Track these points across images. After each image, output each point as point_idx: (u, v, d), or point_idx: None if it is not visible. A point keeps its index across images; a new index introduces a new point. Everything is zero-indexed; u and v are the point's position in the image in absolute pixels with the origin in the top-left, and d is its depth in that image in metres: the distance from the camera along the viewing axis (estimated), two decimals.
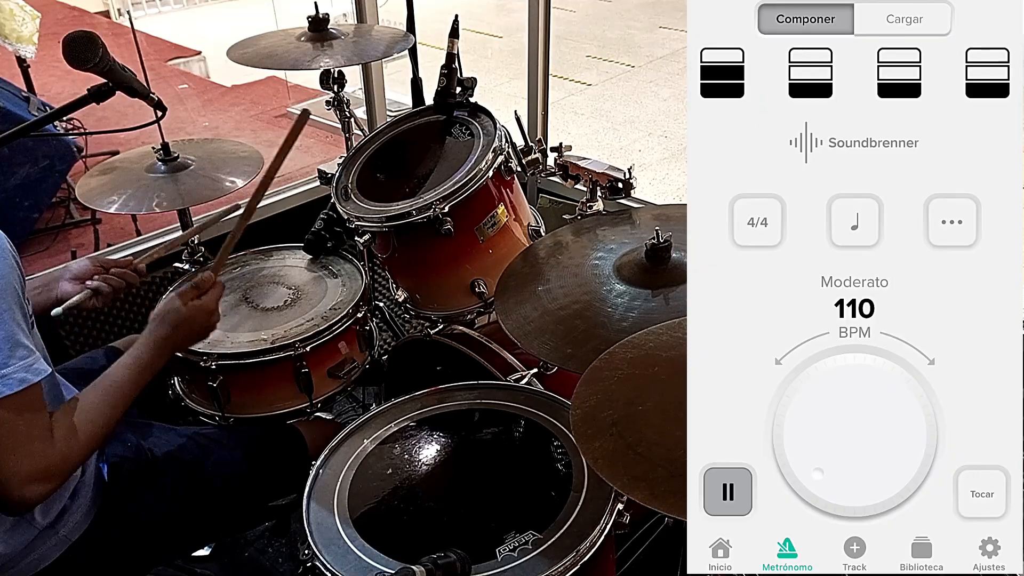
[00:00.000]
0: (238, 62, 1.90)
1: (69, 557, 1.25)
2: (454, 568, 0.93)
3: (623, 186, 1.64)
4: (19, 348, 1.09)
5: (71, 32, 1.37)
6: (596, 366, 1.03)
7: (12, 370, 1.07)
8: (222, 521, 1.52)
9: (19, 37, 3.57)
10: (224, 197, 1.91)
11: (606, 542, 1.11)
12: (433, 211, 1.56)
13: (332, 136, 4.48)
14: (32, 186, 3.42)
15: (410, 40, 2.03)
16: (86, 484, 1.27)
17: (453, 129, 1.76)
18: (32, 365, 1.10)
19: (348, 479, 1.25)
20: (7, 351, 1.08)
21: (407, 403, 1.40)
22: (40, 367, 1.11)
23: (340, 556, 1.11)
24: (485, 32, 7.86)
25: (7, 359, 1.07)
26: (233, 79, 5.74)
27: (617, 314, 1.29)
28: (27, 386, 1.08)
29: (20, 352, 1.09)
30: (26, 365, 1.09)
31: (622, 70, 7.10)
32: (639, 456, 0.87)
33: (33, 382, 1.09)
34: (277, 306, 1.85)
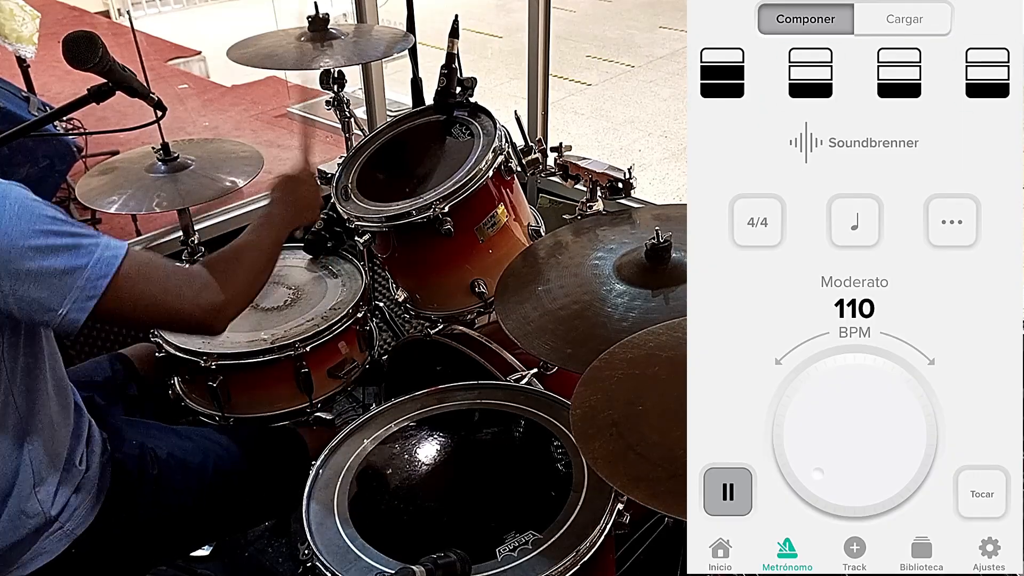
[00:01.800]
0: (238, 62, 1.90)
1: (72, 552, 1.25)
2: (454, 568, 0.93)
3: (623, 186, 1.64)
4: (80, 248, 1.09)
5: (71, 32, 1.37)
6: (596, 366, 1.03)
7: (96, 257, 1.10)
8: (223, 521, 1.52)
9: (19, 37, 3.56)
10: (224, 197, 1.91)
11: (606, 542, 1.11)
12: (433, 211, 1.56)
13: (332, 136, 4.46)
14: (32, 186, 3.36)
15: (410, 40, 2.03)
16: (90, 479, 1.28)
17: (453, 129, 1.76)
18: (111, 243, 1.12)
19: (348, 479, 1.25)
20: (89, 233, 1.11)
21: (407, 403, 1.40)
22: (116, 241, 1.14)
23: (340, 556, 1.11)
24: (485, 32, 7.86)
25: (93, 235, 1.11)
26: (233, 79, 5.74)
27: (617, 314, 1.29)
28: (123, 257, 1.11)
29: (83, 249, 1.10)
30: (106, 244, 1.11)
31: (622, 70, 7.10)
32: (639, 456, 0.87)
33: (124, 252, 1.12)
34: (277, 306, 1.85)
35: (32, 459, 1.19)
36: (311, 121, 4.81)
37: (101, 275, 1.08)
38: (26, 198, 1.09)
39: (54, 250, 1.06)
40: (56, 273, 1.06)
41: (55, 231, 1.07)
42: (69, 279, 1.06)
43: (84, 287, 1.07)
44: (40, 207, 1.09)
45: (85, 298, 1.07)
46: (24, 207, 1.07)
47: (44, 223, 1.07)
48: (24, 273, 1.05)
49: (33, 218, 1.06)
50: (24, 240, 1.05)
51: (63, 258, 1.06)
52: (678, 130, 5.72)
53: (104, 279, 1.08)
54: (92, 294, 1.08)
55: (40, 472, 1.20)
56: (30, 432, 1.18)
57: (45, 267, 1.05)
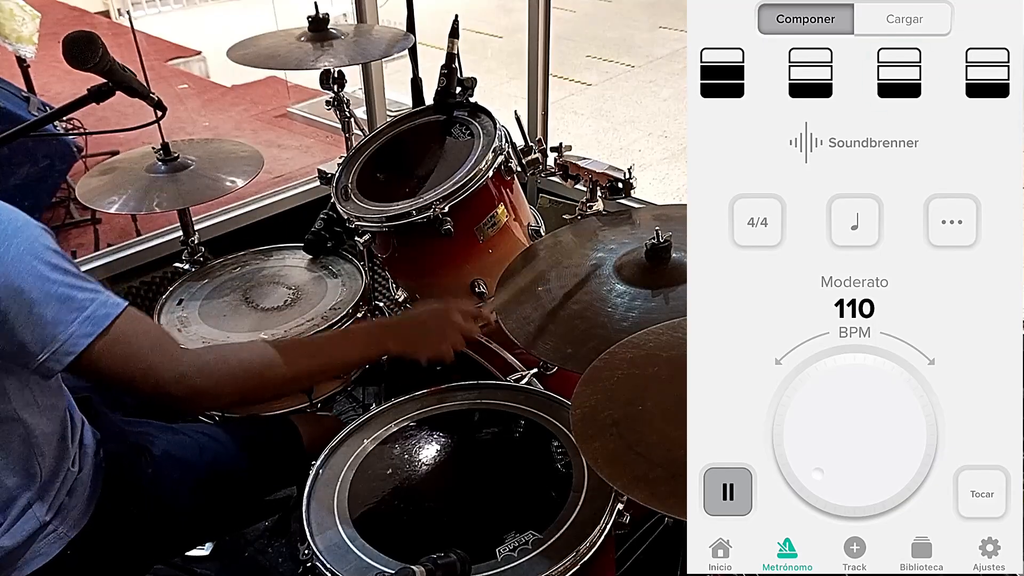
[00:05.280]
0: (238, 62, 1.90)
1: (68, 554, 1.25)
2: (454, 568, 0.93)
3: (623, 186, 1.64)
4: (72, 301, 1.07)
5: (71, 32, 1.37)
6: (596, 366, 1.03)
7: (86, 315, 1.07)
8: (221, 517, 1.52)
9: (19, 37, 3.56)
10: (224, 197, 1.91)
11: (606, 542, 1.11)
12: (433, 211, 1.56)
13: (332, 136, 4.47)
14: (32, 186, 3.41)
15: (410, 40, 2.03)
16: (83, 481, 1.27)
17: (453, 129, 1.76)
18: (107, 301, 1.10)
19: (348, 479, 1.25)
20: (87, 287, 1.09)
21: (407, 403, 1.40)
22: (114, 300, 1.11)
23: (340, 556, 1.11)
24: (485, 32, 7.86)
25: (68, 314, 1.07)
26: (233, 79, 5.74)
27: (617, 314, 1.29)
28: (112, 320, 1.08)
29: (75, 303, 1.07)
30: (102, 302, 1.09)
31: (622, 70, 7.10)
32: (639, 456, 0.87)
33: (116, 315, 1.09)
34: (277, 306, 1.85)
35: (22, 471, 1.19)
36: (311, 121, 4.82)
37: (86, 334, 1.07)
38: (35, 240, 1.08)
39: (47, 297, 1.05)
40: (43, 322, 1.05)
41: (52, 279, 1.07)
42: (52, 329, 1.06)
43: (66, 341, 1.06)
44: (49, 255, 1.08)
45: (65, 352, 1.07)
46: (30, 249, 1.06)
47: (46, 269, 1.06)
48: (14, 312, 1.04)
49: (36, 260, 1.06)
50: (21, 281, 1.04)
51: (52, 308, 1.06)
52: (678, 130, 5.72)
53: (87, 338, 1.07)
54: (72, 350, 1.07)
55: (30, 483, 1.20)
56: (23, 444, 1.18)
57: (35, 313, 1.05)
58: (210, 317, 1.81)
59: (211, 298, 1.88)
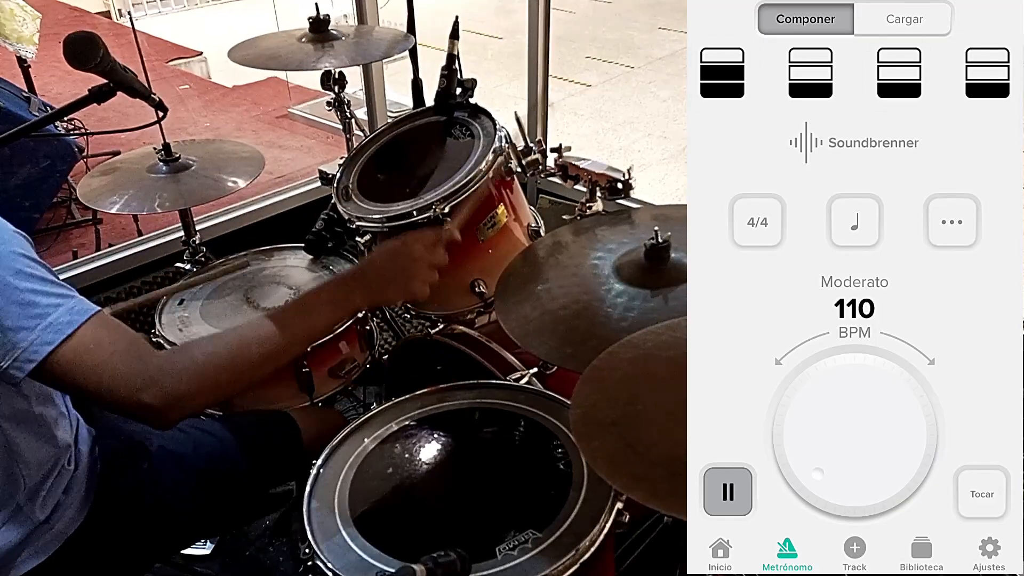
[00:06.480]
0: (239, 63, 1.90)
1: (65, 553, 1.25)
2: (454, 567, 0.93)
3: (622, 186, 1.64)
4: (34, 307, 1.05)
5: (72, 32, 1.38)
6: (596, 366, 1.03)
7: (49, 322, 1.04)
8: (219, 514, 1.51)
9: (20, 37, 3.57)
10: (226, 197, 1.91)
11: (606, 541, 1.11)
12: (433, 211, 1.56)
13: (333, 137, 4.47)
14: (33, 186, 3.41)
15: (410, 41, 2.03)
16: (79, 479, 1.27)
17: (453, 130, 1.76)
18: (75, 307, 1.06)
19: (348, 478, 1.25)
20: (54, 292, 1.06)
21: (407, 402, 1.40)
22: (83, 307, 1.08)
23: (340, 555, 1.11)
24: (485, 33, 7.86)
25: (29, 320, 1.04)
26: (234, 80, 5.74)
27: (617, 314, 1.29)
28: (76, 328, 1.05)
29: (38, 309, 1.05)
30: (68, 308, 1.06)
31: (622, 71, 7.10)
32: (639, 456, 0.87)
33: (80, 322, 1.06)
34: (278, 306, 1.84)
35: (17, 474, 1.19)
36: (312, 122, 4.82)
37: (47, 341, 1.05)
38: (1, 246, 1.06)
39: (9, 304, 1.03)
40: (2, 329, 1.03)
41: (16, 286, 1.05)
42: (13, 336, 1.04)
43: (27, 348, 1.04)
44: (15, 260, 1.06)
45: (25, 359, 1.04)
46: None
47: (9, 275, 1.04)
48: None
49: (1, 267, 1.04)
50: None
51: (13, 315, 1.04)
52: (678, 131, 5.72)
53: (48, 346, 1.05)
54: (33, 357, 1.04)
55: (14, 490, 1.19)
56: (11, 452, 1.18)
57: None
58: (211, 317, 1.81)
59: (212, 298, 1.88)
